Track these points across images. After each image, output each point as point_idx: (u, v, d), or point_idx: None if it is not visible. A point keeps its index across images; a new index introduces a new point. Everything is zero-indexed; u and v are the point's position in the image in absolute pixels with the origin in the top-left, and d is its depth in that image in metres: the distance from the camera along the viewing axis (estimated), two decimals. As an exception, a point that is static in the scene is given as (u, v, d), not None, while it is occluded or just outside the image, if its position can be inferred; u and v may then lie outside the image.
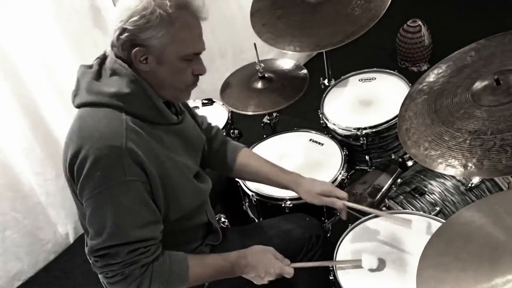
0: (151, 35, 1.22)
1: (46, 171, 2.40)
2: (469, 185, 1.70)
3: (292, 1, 2.14)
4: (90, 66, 1.35)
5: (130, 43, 1.24)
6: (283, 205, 1.76)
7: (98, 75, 1.30)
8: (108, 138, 1.21)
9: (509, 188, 1.73)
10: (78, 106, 1.30)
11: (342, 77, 2.26)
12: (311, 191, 1.54)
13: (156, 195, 1.28)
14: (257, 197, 1.81)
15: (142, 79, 1.27)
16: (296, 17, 2.09)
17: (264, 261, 1.39)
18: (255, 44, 2.11)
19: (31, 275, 2.49)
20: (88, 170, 1.20)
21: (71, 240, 2.63)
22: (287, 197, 1.76)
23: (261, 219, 1.90)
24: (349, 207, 1.51)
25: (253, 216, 1.95)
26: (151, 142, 1.27)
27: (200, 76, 1.36)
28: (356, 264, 1.42)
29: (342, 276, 1.43)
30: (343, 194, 1.53)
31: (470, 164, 1.24)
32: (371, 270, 1.41)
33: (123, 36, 1.24)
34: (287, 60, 2.33)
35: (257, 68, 2.16)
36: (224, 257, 1.40)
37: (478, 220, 1.12)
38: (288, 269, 1.40)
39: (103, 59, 1.34)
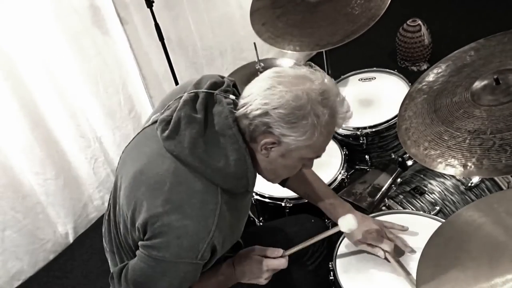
0: (292, 135, 1.14)
1: (46, 171, 2.40)
2: (469, 184, 1.70)
3: (292, 1, 2.14)
4: (194, 99, 1.21)
5: (265, 129, 1.15)
6: (283, 204, 1.76)
7: (204, 127, 1.17)
8: (199, 220, 1.15)
9: (508, 187, 1.73)
10: (170, 151, 1.18)
11: (342, 77, 2.26)
12: (352, 235, 1.46)
13: (209, 262, 1.26)
14: (257, 197, 1.81)
15: (250, 158, 1.19)
16: (296, 17, 2.09)
17: (251, 264, 1.36)
18: (255, 43, 2.11)
19: (30, 274, 2.49)
20: (168, 240, 1.15)
21: (71, 239, 2.63)
22: (287, 197, 1.76)
23: (261, 219, 1.90)
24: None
25: (253, 216, 1.95)
26: (230, 220, 1.21)
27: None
28: (336, 230, 1.35)
29: (342, 276, 1.43)
30: (388, 247, 1.42)
31: (469, 164, 1.24)
32: (350, 230, 1.33)
33: (262, 119, 1.13)
34: (287, 59, 2.33)
35: (257, 67, 2.16)
36: (216, 273, 1.37)
37: (477, 219, 1.12)
38: (278, 261, 1.34)
39: (209, 99, 1.21)
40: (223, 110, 1.18)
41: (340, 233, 1.54)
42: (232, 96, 1.23)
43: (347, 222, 1.31)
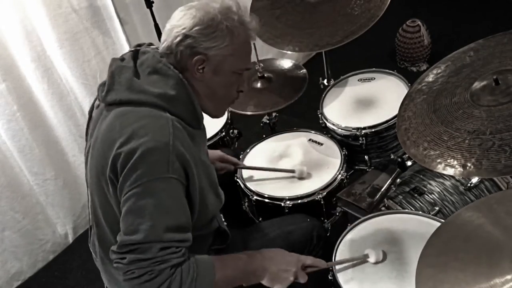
0: (215, 44, 1.25)
1: (45, 171, 2.40)
2: (468, 185, 1.70)
3: (291, 1, 2.14)
4: (122, 59, 1.33)
5: (190, 51, 1.26)
6: (282, 205, 1.76)
7: (136, 72, 1.29)
8: (155, 134, 1.20)
9: (508, 188, 1.73)
10: (112, 103, 1.28)
11: (342, 77, 2.26)
12: (211, 159, 1.65)
13: (194, 197, 1.27)
14: (256, 197, 1.81)
15: (188, 84, 1.28)
16: (295, 17, 2.09)
17: (284, 253, 1.38)
18: (254, 44, 2.11)
19: (30, 275, 2.49)
20: (133, 163, 1.18)
21: (70, 240, 2.63)
22: (287, 197, 1.77)
23: (260, 219, 1.90)
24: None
25: (252, 216, 1.95)
26: (190, 143, 1.27)
27: None
28: (364, 259, 1.45)
29: (341, 276, 1.43)
30: (234, 160, 1.87)
31: (469, 164, 1.24)
32: (377, 262, 1.43)
33: (185, 43, 1.25)
34: (287, 60, 2.33)
35: (256, 68, 2.16)
36: (240, 254, 1.37)
37: (477, 220, 1.12)
38: (318, 263, 1.41)
39: (135, 53, 1.33)
40: (150, 54, 1.30)
41: (338, 236, 1.54)
42: (154, 47, 1.35)
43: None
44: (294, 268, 1.36)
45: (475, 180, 1.71)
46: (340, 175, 1.83)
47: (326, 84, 2.33)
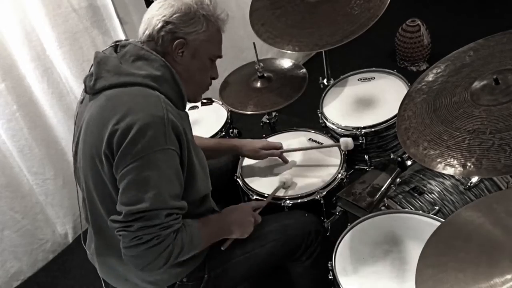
0: (194, 30, 1.36)
1: (45, 171, 2.40)
2: (468, 184, 1.70)
3: (291, 1, 2.14)
4: (105, 52, 1.39)
5: (171, 36, 1.35)
6: (282, 204, 1.76)
7: (120, 62, 1.35)
8: (149, 109, 1.26)
9: (508, 187, 1.73)
10: (102, 89, 1.32)
11: (341, 77, 2.26)
12: (253, 148, 1.84)
13: (182, 167, 1.33)
14: (256, 197, 1.81)
15: (171, 66, 1.35)
16: (295, 17, 2.09)
17: (233, 208, 1.58)
18: (254, 43, 2.11)
19: (30, 275, 2.49)
20: (132, 137, 1.23)
21: (70, 239, 2.63)
22: (287, 197, 1.77)
23: (260, 218, 1.91)
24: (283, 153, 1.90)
25: (252, 216, 1.95)
26: (179, 120, 1.32)
27: None
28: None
29: (341, 275, 1.43)
30: (278, 144, 1.90)
31: (469, 164, 1.24)
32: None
33: (166, 28, 1.34)
34: (286, 59, 2.33)
35: (256, 67, 2.16)
36: (209, 216, 1.51)
37: (477, 219, 1.12)
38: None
39: (115, 48, 1.40)
40: (130, 45, 1.37)
41: (339, 235, 1.54)
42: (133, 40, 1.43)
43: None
44: (249, 213, 1.55)
45: (475, 179, 1.71)
46: (340, 175, 1.83)
47: (326, 83, 2.32)
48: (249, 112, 2.10)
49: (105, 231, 1.41)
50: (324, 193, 1.77)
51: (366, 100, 2.10)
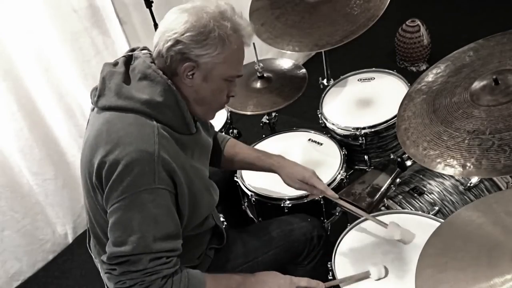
0: (206, 52, 1.23)
1: (45, 171, 2.40)
2: (468, 184, 1.70)
3: (291, 1, 2.14)
4: (115, 64, 1.32)
5: (181, 56, 1.24)
6: (282, 205, 1.76)
7: (127, 77, 1.28)
8: (140, 143, 1.19)
9: (507, 187, 1.73)
10: (103, 108, 1.28)
11: (341, 77, 2.26)
12: (292, 176, 1.59)
13: (182, 203, 1.27)
14: (256, 197, 1.81)
15: (177, 90, 1.27)
16: (295, 17, 2.09)
17: (278, 276, 1.40)
18: (254, 43, 2.11)
19: (29, 275, 2.49)
20: (118, 174, 1.17)
21: (70, 240, 2.63)
22: (286, 197, 1.76)
23: (260, 219, 1.90)
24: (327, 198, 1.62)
25: (252, 216, 1.95)
26: (178, 150, 1.27)
27: None
28: (365, 276, 1.41)
29: (341, 275, 1.43)
30: (321, 186, 1.57)
31: (468, 164, 1.24)
32: (380, 278, 1.40)
33: (175, 48, 1.23)
34: (286, 59, 2.33)
35: (256, 67, 2.16)
36: (234, 274, 1.40)
37: (476, 219, 1.12)
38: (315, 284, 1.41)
39: (128, 58, 1.32)
40: (141, 59, 1.29)
41: (338, 236, 1.54)
42: (147, 52, 1.33)
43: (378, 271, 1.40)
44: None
45: (474, 180, 1.71)
46: (339, 175, 1.83)
47: (325, 84, 2.33)
48: (249, 113, 2.10)
49: (101, 239, 1.40)
50: (324, 193, 1.77)
51: (366, 101, 2.11)
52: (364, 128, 1.95)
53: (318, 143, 2.01)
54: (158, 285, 1.21)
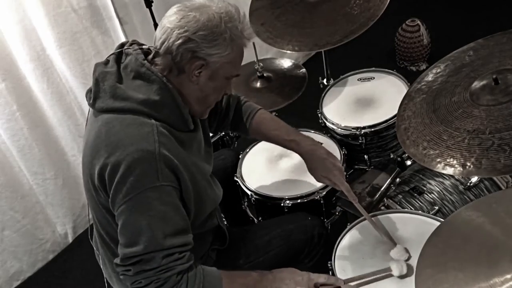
0: (216, 52, 1.24)
1: (45, 171, 2.40)
2: (468, 184, 1.70)
3: (291, 1, 2.14)
4: (106, 63, 1.32)
5: (191, 55, 1.24)
6: (282, 204, 1.76)
7: (119, 76, 1.28)
8: (140, 143, 1.19)
9: (507, 187, 1.73)
10: (100, 110, 1.28)
11: (341, 77, 2.26)
12: (316, 171, 1.58)
13: (188, 200, 1.28)
14: (256, 197, 1.81)
15: (174, 88, 1.27)
16: (294, 17, 2.09)
17: (296, 273, 1.39)
18: (254, 43, 2.11)
19: (30, 274, 2.49)
20: (121, 176, 1.18)
21: (70, 239, 2.63)
22: (286, 197, 1.76)
23: (260, 219, 1.90)
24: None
25: (252, 216, 1.95)
26: (178, 147, 1.27)
27: None
28: (387, 273, 1.37)
29: (341, 275, 1.43)
30: (342, 188, 1.54)
31: (468, 163, 1.24)
32: (402, 276, 1.36)
33: (186, 46, 1.23)
34: (286, 59, 2.33)
35: (256, 67, 2.16)
36: (251, 271, 1.38)
37: (476, 219, 1.12)
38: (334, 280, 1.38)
39: (119, 56, 1.31)
40: (132, 56, 1.28)
41: (338, 235, 1.54)
42: (137, 46, 1.32)
43: (400, 268, 1.35)
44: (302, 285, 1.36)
45: (474, 179, 1.71)
46: (339, 175, 1.83)
47: (325, 83, 2.33)
48: (249, 112, 2.10)
49: (106, 244, 1.40)
50: (324, 193, 1.77)
51: (365, 100, 2.11)
52: (364, 128, 1.95)
53: (318, 142, 2.01)
54: (174, 281, 1.21)
